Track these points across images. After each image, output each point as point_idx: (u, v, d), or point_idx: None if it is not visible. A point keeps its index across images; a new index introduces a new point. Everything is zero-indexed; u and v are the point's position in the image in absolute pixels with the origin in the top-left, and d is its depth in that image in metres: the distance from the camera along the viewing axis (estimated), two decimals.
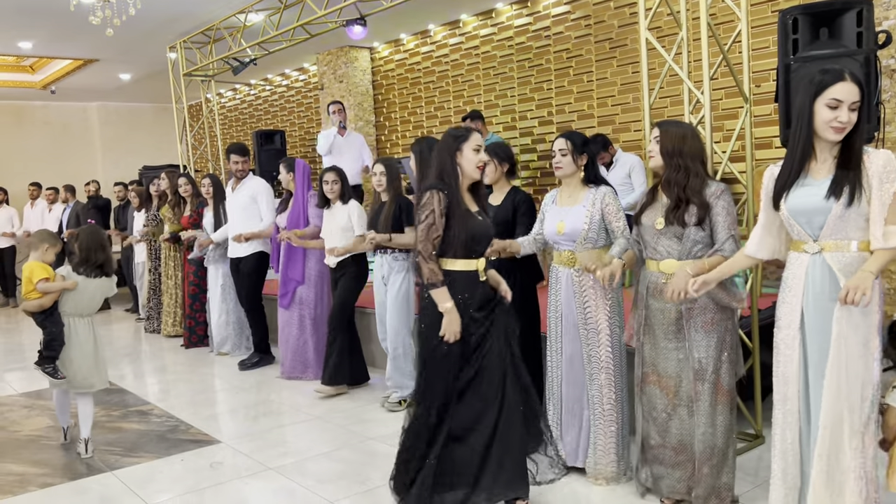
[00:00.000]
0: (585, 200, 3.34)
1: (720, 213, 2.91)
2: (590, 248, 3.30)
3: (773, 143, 5.57)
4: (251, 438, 4.29)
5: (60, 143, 13.02)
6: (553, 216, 3.43)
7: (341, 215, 4.96)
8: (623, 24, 6.78)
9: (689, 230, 2.92)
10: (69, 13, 6.63)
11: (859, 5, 3.56)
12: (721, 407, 2.96)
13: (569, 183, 3.43)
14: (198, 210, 6.71)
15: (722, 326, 2.95)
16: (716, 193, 2.93)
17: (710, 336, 2.93)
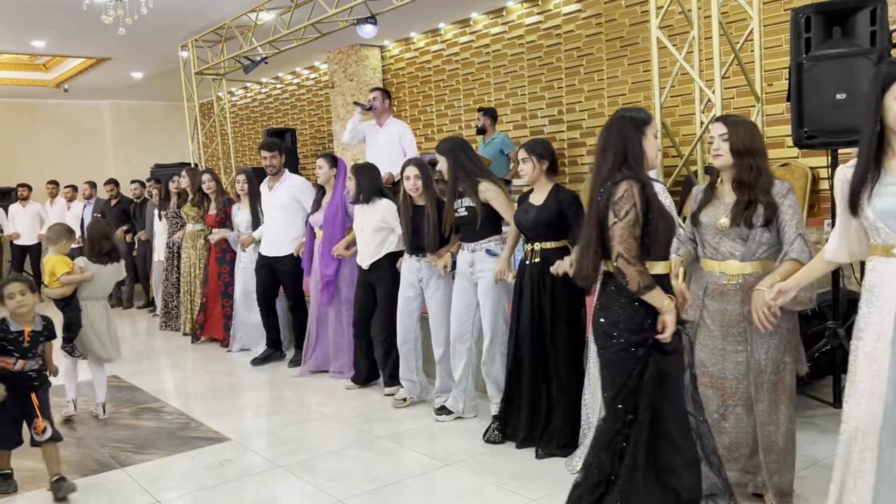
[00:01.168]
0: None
1: (787, 213, 2.80)
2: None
3: (786, 143, 5.53)
4: (261, 436, 4.30)
5: (73, 141, 13.12)
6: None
7: (374, 213, 4.74)
8: (634, 22, 6.76)
9: (756, 231, 2.82)
10: (82, 12, 6.66)
11: (873, 4, 3.54)
12: (783, 407, 2.92)
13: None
14: (224, 209, 6.48)
15: (783, 327, 2.87)
16: (781, 192, 2.82)
17: (772, 337, 2.85)
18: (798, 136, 3.74)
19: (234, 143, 13.02)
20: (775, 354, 2.87)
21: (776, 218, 2.81)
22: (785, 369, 2.89)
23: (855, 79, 3.56)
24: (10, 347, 3.48)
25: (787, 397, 2.91)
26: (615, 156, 2.44)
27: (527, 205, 3.78)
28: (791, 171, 5.56)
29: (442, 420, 4.27)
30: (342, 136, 6.63)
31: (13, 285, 3.51)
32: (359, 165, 4.90)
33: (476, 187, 3.97)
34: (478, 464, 3.67)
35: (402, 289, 4.53)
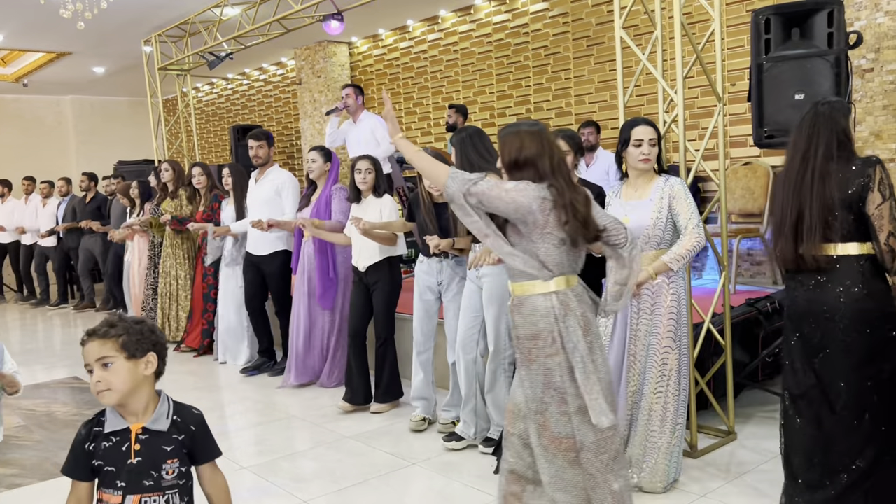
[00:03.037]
0: (654, 193, 3.14)
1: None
2: (654, 249, 3.13)
3: (748, 142, 5.62)
4: (225, 438, 4.25)
5: (33, 138, 12.82)
6: (616, 211, 3.18)
7: (373, 210, 4.44)
8: (600, 21, 6.81)
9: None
10: (40, 6, 6.52)
11: (830, 6, 3.60)
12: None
13: (641, 174, 3.21)
14: (212, 205, 6.13)
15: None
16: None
17: None
18: (758, 135, 3.79)
19: (200, 139, 12.87)
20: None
21: None
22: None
23: (813, 79, 3.62)
24: None
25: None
26: (828, 140, 2.54)
27: None
28: (753, 171, 5.66)
29: (453, 448, 3.83)
30: (324, 141, 6.40)
31: None
32: (374, 159, 4.57)
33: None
34: (444, 463, 3.67)
35: (420, 292, 4.16)
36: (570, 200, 2.41)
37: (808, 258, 2.55)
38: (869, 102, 4.78)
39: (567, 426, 2.42)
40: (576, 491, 2.44)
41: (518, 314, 2.50)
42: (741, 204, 5.63)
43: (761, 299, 4.45)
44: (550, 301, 2.42)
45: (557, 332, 2.41)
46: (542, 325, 2.43)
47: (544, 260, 2.42)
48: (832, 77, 3.58)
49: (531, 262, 2.44)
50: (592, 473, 2.41)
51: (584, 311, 2.46)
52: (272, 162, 5.57)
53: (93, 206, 9.01)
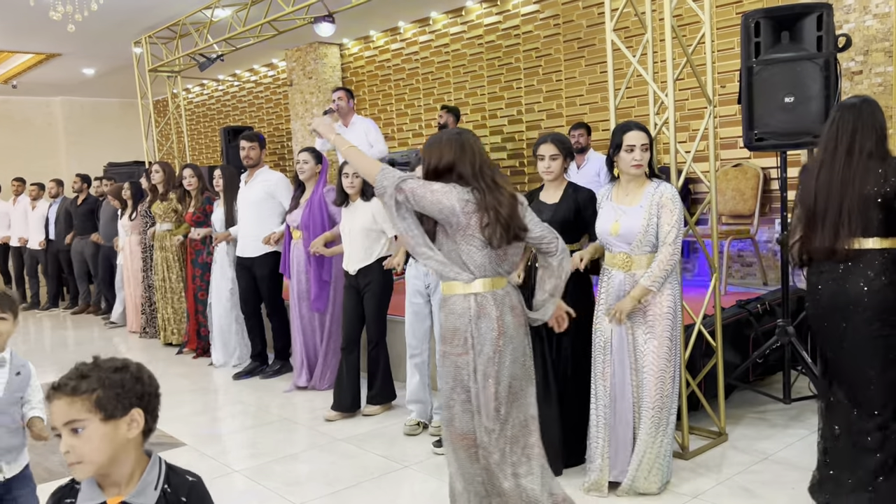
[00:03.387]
0: (644, 199, 3.14)
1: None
2: (647, 253, 3.13)
3: (738, 144, 5.64)
4: (217, 440, 4.25)
5: (23, 139, 12.75)
6: (608, 214, 3.22)
7: (363, 214, 4.42)
8: (591, 24, 6.83)
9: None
10: (29, 7, 6.48)
11: (819, 10, 3.63)
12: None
13: (632, 178, 3.20)
14: (203, 207, 6.09)
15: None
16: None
17: None
18: (748, 138, 3.82)
19: (191, 140, 12.83)
20: None
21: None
22: None
23: (803, 83, 3.65)
24: None
25: None
26: (871, 137, 2.65)
27: (539, 203, 3.52)
28: (743, 172, 5.69)
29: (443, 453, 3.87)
30: (314, 143, 6.41)
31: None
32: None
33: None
34: (435, 465, 3.67)
35: (410, 295, 4.16)
36: (493, 203, 2.46)
37: (840, 250, 2.65)
38: None
39: (470, 423, 2.52)
40: (475, 484, 2.56)
41: (442, 312, 2.60)
42: (731, 205, 5.66)
43: (752, 301, 4.48)
44: (468, 302, 2.49)
45: (469, 333, 2.49)
46: (458, 325, 2.51)
47: (466, 262, 2.48)
48: (822, 80, 3.61)
49: (451, 264, 2.50)
50: (489, 469, 2.53)
51: (501, 315, 2.50)
52: (262, 163, 5.57)
53: (85, 209, 8.93)
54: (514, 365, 2.53)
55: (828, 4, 3.68)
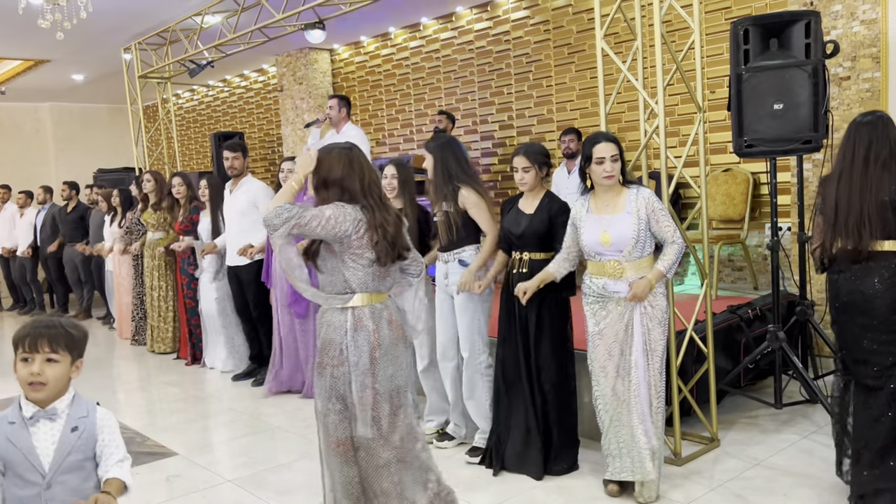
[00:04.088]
0: (628, 205, 3.18)
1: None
2: (638, 258, 3.16)
3: (728, 149, 5.66)
4: (209, 450, 4.23)
5: (11, 145, 12.66)
6: (593, 226, 3.22)
7: None
8: (581, 29, 6.85)
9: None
10: (18, 14, 6.44)
11: (807, 17, 3.65)
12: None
13: (608, 189, 3.23)
14: (191, 216, 6.08)
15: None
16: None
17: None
18: (738, 144, 3.84)
19: (181, 146, 12.78)
20: None
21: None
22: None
23: (791, 89, 3.67)
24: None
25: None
26: (886, 148, 2.86)
27: (516, 212, 3.58)
28: (733, 177, 5.71)
29: (444, 447, 3.90)
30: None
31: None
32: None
33: (457, 193, 3.69)
34: None
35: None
36: (381, 221, 2.59)
37: (864, 251, 2.88)
38: (846, 110, 4.85)
39: (346, 430, 2.64)
40: (347, 487, 2.68)
41: (320, 324, 2.69)
42: (721, 210, 5.68)
43: (743, 306, 4.49)
44: (345, 316, 2.61)
45: (345, 345, 2.60)
46: (334, 337, 2.62)
47: (349, 279, 2.60)
48: (810, 86, 3.63)
49: (335, 283, 2.62)
50: (367, 471, 2.66)
51: (378, 328, 2.63)
52: (246, 172, 5.60)
53: (74, 216, 8.88)
54: (395, 376, 2.66)
55: (815, 12, 3.71)
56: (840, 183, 2.94)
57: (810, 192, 4.81)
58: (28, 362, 1.93)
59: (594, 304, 3.26)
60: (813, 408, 4.17)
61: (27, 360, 1.93)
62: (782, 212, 5.20)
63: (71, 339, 1.98)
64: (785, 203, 5.27)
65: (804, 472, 3.40)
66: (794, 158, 4.83)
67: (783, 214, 5.26)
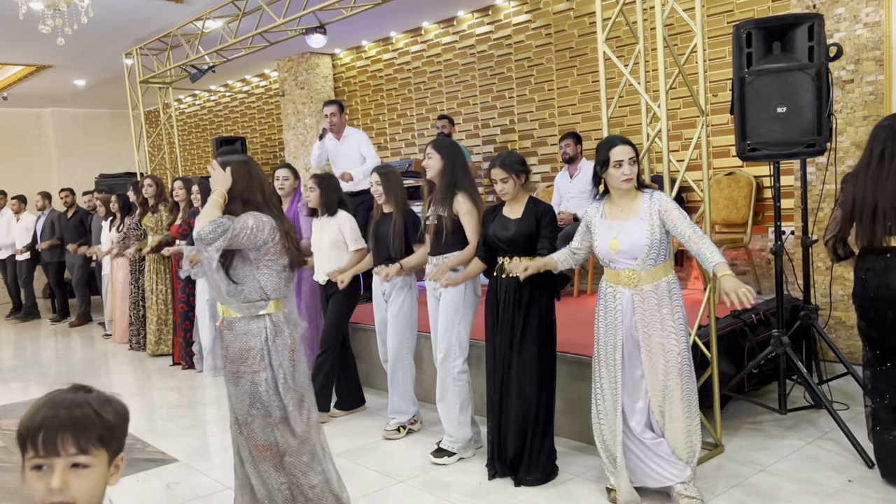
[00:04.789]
0: (642, 211, 3.08)
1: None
2: (653, 266, 3.05)
3: (731, 152, 5.64)
4: (209, 457, 4.20)
5: (14, 151, 12.67)
6: (605, 233, 3.14)
7: (330, 228, 4.54)
8: (583, 33, 6.83)
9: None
10: (19, 19, 6.45)
11: (810, 20, 3.63)
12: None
13: (624, 193, 3.13)
14: (189, 221, 6.08)
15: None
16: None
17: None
18: (741, 148, 3.81)
19: (183, 151, 12.79)
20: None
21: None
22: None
23: (795, 92, 3.64)
24: None
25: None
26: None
27: (502, 219, 3.58)
28: (736, 181, 5.69)
29: (443, 464, 3.82)
30: (310, 160, 6.44)
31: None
32: (321, 176, 4.63)
33: (452, 198, 3.74)
34: (430, 480, 3.64)
35: (375, 305, 4.34)
36: (286, 229, 2.70)
37: (878, 246, 3.07)
38: (850, 113, 4.82)
39: (271, 435, 2.70)
40: (280, 492, 2.73)
41: (230, 333, 2.72)
42: (724, 214, 5.66)
43: (746, 310, 4.46)
44: (263, 322, 2.68)
45: (267, 350, 2.67)
46: (254, 344, 2.67)
47: (265, 286, 2.68)
48: (814, 90, 3.61)
49: (249, 291, 2.67)
50: (295, 473, 2.73)
51: (292, 332, 2.74)
52: None
53: (75, 221, 8.88)
54: (306, 374, 2.79)
55: (818, 15, 3.68)
56: (858, 179, 3.13)
57: (814, 196, 4.79)
58: (43, 471, 1.25)
59: (607, 312, 3.18)
60: (818, 413, 4.14)
61: (42, 467, 1.25)
62: (786, 216, 5.17)
63: (107, 426, 1.30)
64: (788, 207, 5.24)
65: (809, 479, 3.37)
66: (797, 162, 4.81)
67: (787, 218, 5.23)
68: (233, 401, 2.75)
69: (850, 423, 3.75)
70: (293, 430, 2.70)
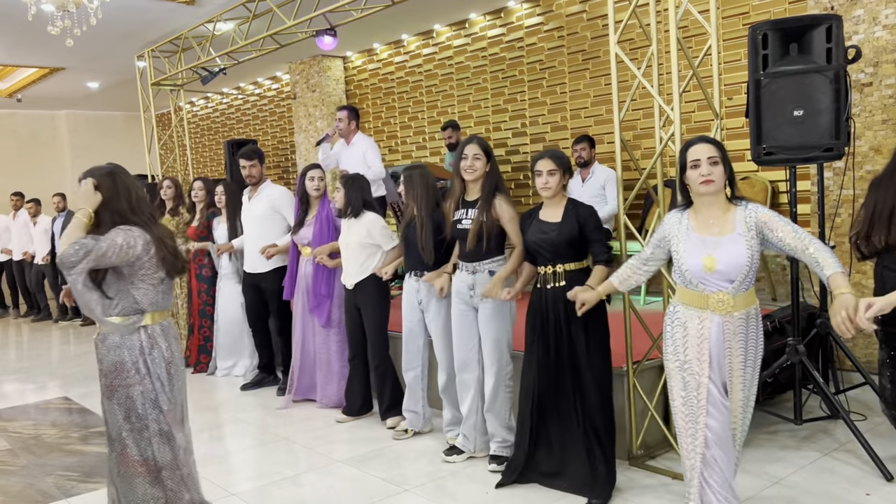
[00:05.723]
0: (738, 226, 2.65)
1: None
2: (745, 291, 2.65)
3: (746, 156, 5.55)
4: (215, 461, 4.16)
5: (29, 153, 12.76)
6: (695, 248, 2.69)
7: (357, 229, 4.43)
8: (596, 35, 6.76)
9: None
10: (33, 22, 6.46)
11: (829, 21, 3.55)
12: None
13: (711, 202, 2.70)
14: (208, 222, 6.04)
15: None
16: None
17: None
18: (757, 152, 3.73)
19: (195, 153, 12.82)
20: None
21: None
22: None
23: (812, 95, 3.56)
24: None
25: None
26: None
27: (540, 223, 3.38)
28: (751, 185, 5.59)
29: (453, 461, 3.83)
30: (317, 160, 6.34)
31: None
32: (347, 177, 4.54)
33: (493, 201, 3.58)
34: (437, 488, 3.58)
35: (405, 311, 4.19)
36: (160, 236, 2.66)
37: (893, 246, 3.18)
38: (868, 117, 4.73)
39: (147, 449, 2.66)
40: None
41: (103, 346, 2.67)
42: None
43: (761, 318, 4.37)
44: (139, 335, 2.66)
45: (143, 363, 2.65)
46: (126, 358, 2.64)
47: (140, 299, 2.65)
48: (831, 92, 3.52)
49: (123, 305, 2.63)
50: (172, 488, 2.70)
51: (169, 345, 2.72)
52: (265, 178, 5.53)
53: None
54: (182, 389, 2.79)
55: (837, 16, 3.60)
56: (881, 184, 3.25)
57: (831, 202, 4.69)
58: None
59: (688, 339, 2.72)
60: (834, 424, 4.05)
61: None
62: (802, 221, 5.07)
63: None
64: (805, 212, 5.14)
65: (826, 492, 3.28)
66: (814, 167, 4.72)
67: (803, 224, 5.13)
68: (107, 415, 2.70)
69: (868, 434, 3.65)
70: (172, 445, 2.70)
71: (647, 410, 3.70)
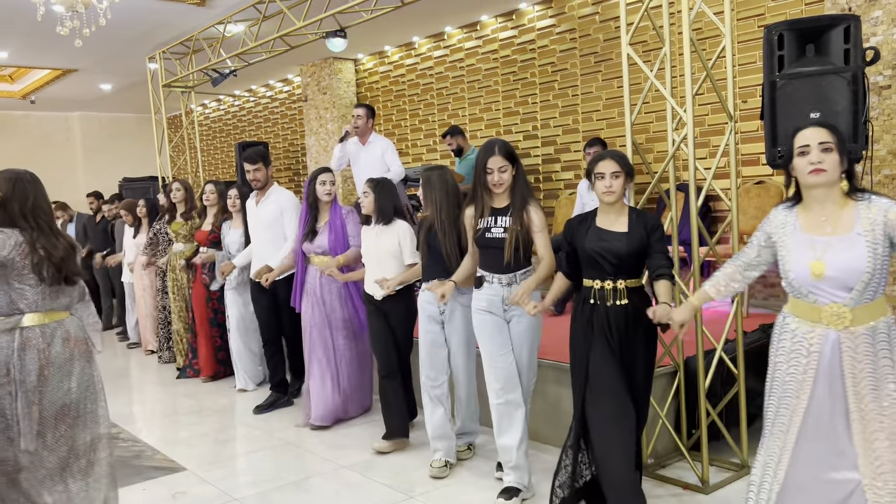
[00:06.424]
0: (857, 224, 2.26)
1: None
2: (868, 302, 2.25)
3: (760, 160, 5.46)
4: (218, 466, 4.11)
5: (41, 154, 12.81)
6: (801, 251, 2.31)
7: (389, 238, 4.08)
8: (608, 37, 6.69)
9: None
10: (45, 23, 6.47)
11: (846, 21, 3.46)
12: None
13: (823, 197, 2.32)
14: (221, 227, 5.74)
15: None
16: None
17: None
18: (772, 155, 3.64)
19: (207, 156, 12.84)
20: None
21: None
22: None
23: (829, 97, 3.47)
24: None
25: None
26: None
27: (600, 231, 2.98)
28: (766, 189, 5.50)
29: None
30: (330, 163, 6.00)
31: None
32: (376, 181, 4.18)
33: (525, 208, 3.32)
34: (443, 496, 3.52)
35: (423, 322, 3.85)
36: (45, 245, 2.67)
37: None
38: (886, 120, 4.62)
39: (9, 450, 2.64)
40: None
41: None
42: (754, 224, 5.46)
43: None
44: (12, 336, 2.64)
45: (13, 364, 2.63)
46: (1, 358, 2.63)
47: (16, 300, 2.65)
48: (849, 95, 3.43)
49: (1, 304, 2.63)
50: (28, 490, 2.66)
51: (49, 346, 2.68)
52: (272, 182, 5.20)
53: (103, 226, 8.84)
54: (75, 389, 2.72)
55: (855, 16, 3.51)
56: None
57: None
58: None
59: (793, 355, 2.36)
60: None
61: None
62: None
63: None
64: None
65: None
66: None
67: None
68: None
69: None
70: (31, 443, 2.66)
71: (657, 419, 3.62)
